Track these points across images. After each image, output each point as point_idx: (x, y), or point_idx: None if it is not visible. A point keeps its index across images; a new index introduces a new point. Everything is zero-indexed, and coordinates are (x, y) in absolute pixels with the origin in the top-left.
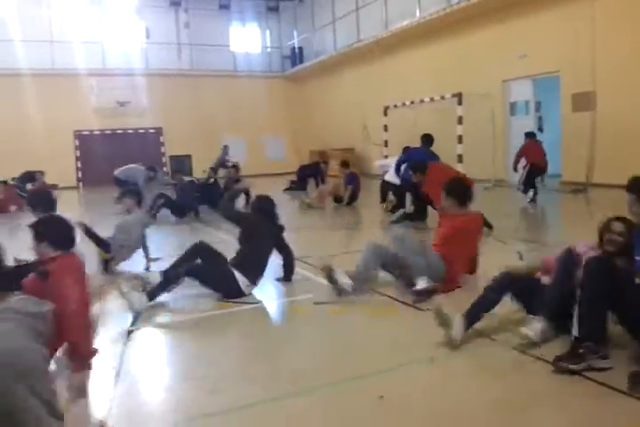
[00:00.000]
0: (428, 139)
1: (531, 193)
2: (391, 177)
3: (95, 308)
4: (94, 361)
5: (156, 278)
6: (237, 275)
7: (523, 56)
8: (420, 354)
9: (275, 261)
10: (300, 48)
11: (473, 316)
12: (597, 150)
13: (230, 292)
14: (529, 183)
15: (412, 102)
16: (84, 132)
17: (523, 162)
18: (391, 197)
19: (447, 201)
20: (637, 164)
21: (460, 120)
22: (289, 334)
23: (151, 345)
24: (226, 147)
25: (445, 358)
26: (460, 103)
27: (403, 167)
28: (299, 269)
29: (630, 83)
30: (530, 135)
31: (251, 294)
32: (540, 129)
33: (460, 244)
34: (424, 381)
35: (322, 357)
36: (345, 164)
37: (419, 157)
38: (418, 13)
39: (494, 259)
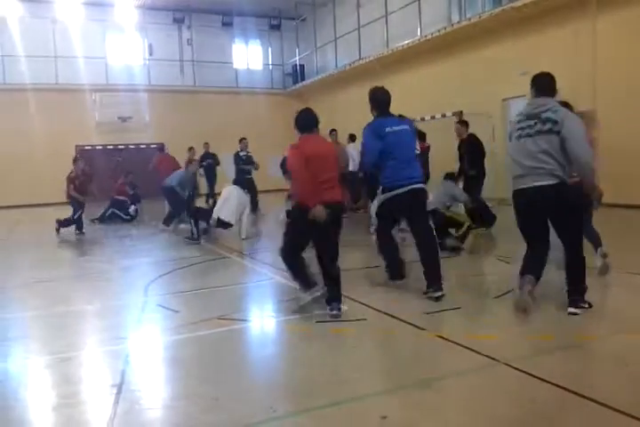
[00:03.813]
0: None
1: None
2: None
3: None
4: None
5: None
6: None
7: (523, 73)
8: (420, 376)
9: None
10: (302, 65)
11: None
12: (599, 169)
13: None
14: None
15: (413, 120)
16: (87, 147)
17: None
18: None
19: None
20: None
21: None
22: (289, 353)
23: (151, 363)
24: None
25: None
26: None
27: None
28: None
29: (631, 100)
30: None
31: None
32: None
33: None
34: (427, 402)
35: (323, 376)
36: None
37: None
38: (419, 32)
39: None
